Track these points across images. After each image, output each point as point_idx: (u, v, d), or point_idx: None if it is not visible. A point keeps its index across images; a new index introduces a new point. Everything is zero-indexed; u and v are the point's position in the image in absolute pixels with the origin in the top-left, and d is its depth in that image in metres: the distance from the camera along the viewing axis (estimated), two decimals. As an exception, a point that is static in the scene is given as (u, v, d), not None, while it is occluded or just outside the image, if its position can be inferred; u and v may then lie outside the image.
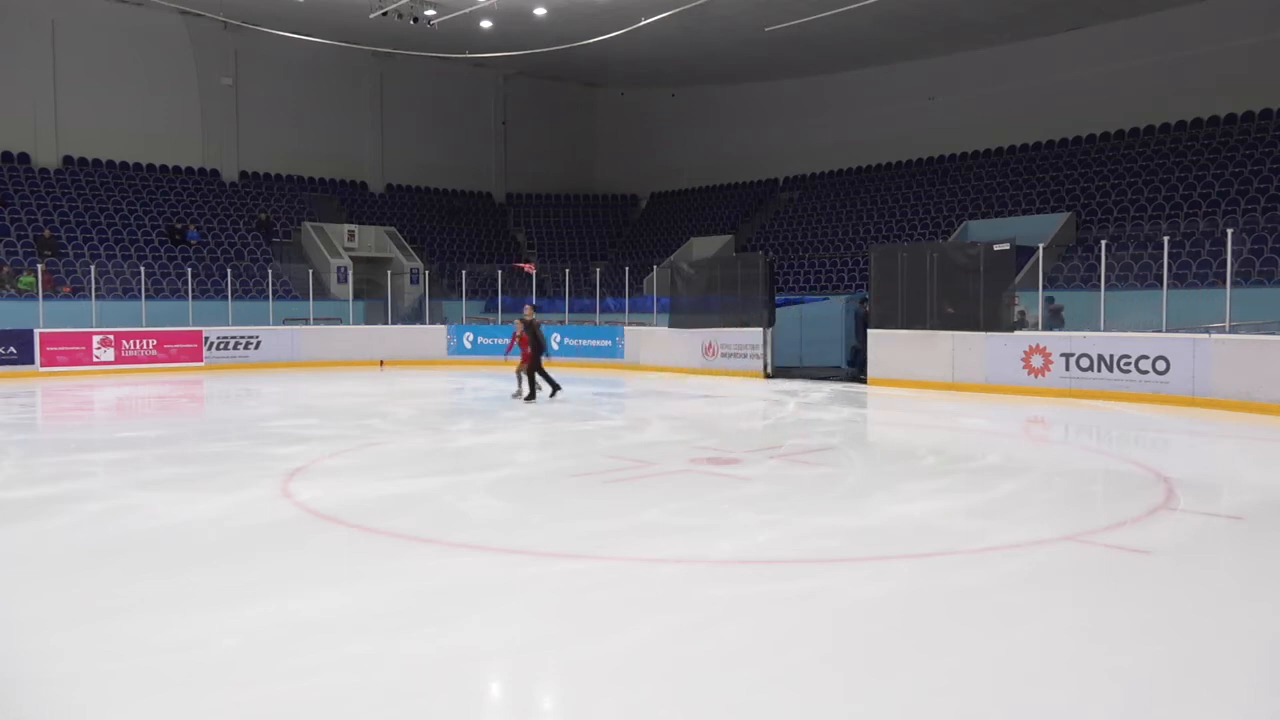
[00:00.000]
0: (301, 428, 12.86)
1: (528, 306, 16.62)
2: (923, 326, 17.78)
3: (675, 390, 18.20)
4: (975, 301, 17.08)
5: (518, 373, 16.48)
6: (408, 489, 8.54)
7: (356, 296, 28.00)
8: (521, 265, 30.72)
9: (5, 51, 27.85)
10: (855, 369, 19.93)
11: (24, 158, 28.35)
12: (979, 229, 24.12)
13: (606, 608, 5.23)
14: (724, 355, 21.33)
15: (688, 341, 22.05)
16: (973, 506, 7.83)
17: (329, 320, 26.65)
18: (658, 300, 25.20)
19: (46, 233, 25.95)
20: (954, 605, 5.24)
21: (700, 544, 6.52)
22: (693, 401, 16.28)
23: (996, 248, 17.12)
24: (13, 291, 23.47)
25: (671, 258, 28.71)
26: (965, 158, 29.26)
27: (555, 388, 16.24)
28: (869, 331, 18.77)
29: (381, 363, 25.33)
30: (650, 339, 23.38)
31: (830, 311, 22.70)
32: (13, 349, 21.62)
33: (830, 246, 28.47)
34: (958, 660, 4.46)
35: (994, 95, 28.60)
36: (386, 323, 27.40)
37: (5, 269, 23.84)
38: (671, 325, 22.74)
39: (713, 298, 21.78)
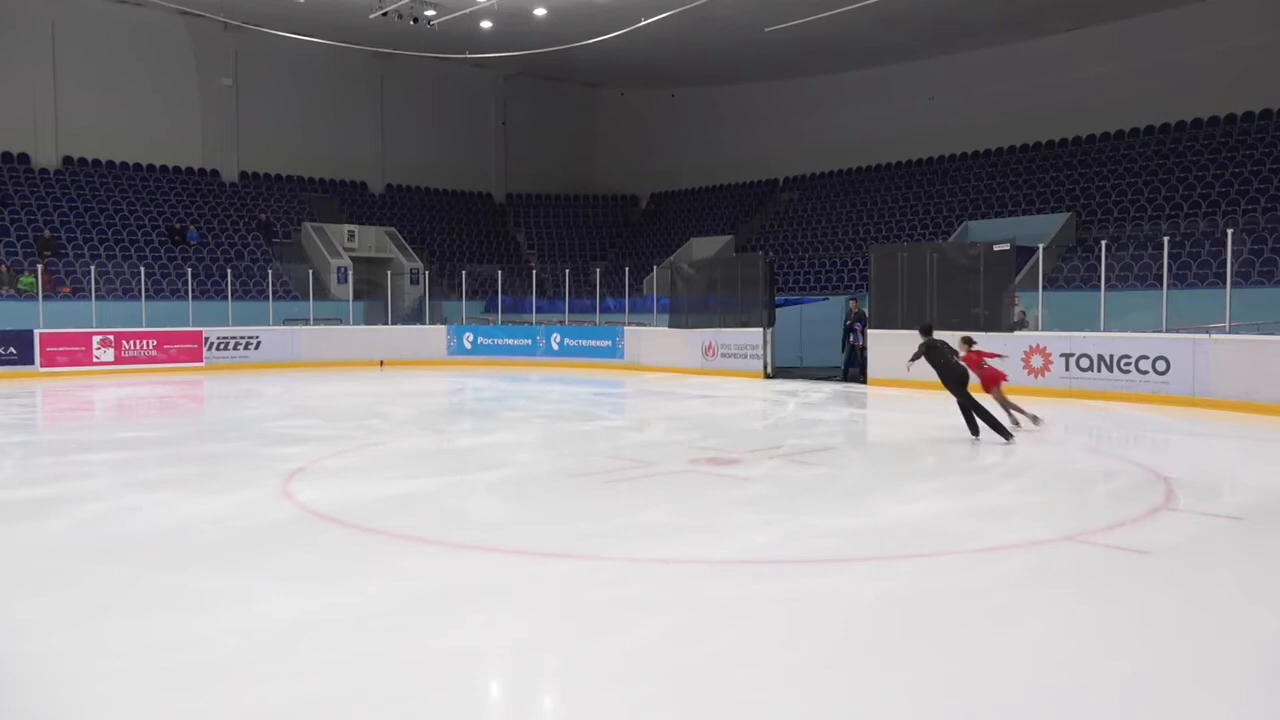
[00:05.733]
0: (302, 428, 12.85)
1: None
2: (922, 326, 17.74)
3: (675, 390, 18.19)
4: (975, 302, 17.07)
5: None
6: (408, 489, 8.53)
7: (356, 297, 27.99)
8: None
9: (5, 52, 27.84)
10: (854, 370, 19.90)
11: (24, 158, 28.34)
12: (979, 229, 24.12)
13: (607, 607, 5.23)
14: (724, 355, 21.33)
15: (688, 342, 22.04)
16: (973, 507, 7.83)
17: (329, 320, 26.65)
18: (658, 300, 25.20)
19: (46, 233, 25.94)
20: (954, 605, 5.24)
21: (700, 544, 6.52)
22: (693, 402, 16.28)
23: (996, 248, 17.12)
24: (13, 292, 23.47)
25: (671, 258, 28.72)
26: (965, 158, 29.26)
27: None
28: (869, 331, 18.76)
29: (382, 363, 25.32)
30: (650, 339, 23.38)
31: (830, 312, 22.69)
32: (12, 349, 21.61)
33: (830, 247, 28.48)
34: (958, 660, 4.46)
35: (994, 95, 28.60)
36: (386, 323, 27.40)
37: (5, 269, 23.84)
38: (671, 325, 22.74)
39: (713, 298, 21.78)
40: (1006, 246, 17.04)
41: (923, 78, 30.30)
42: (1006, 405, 11.73)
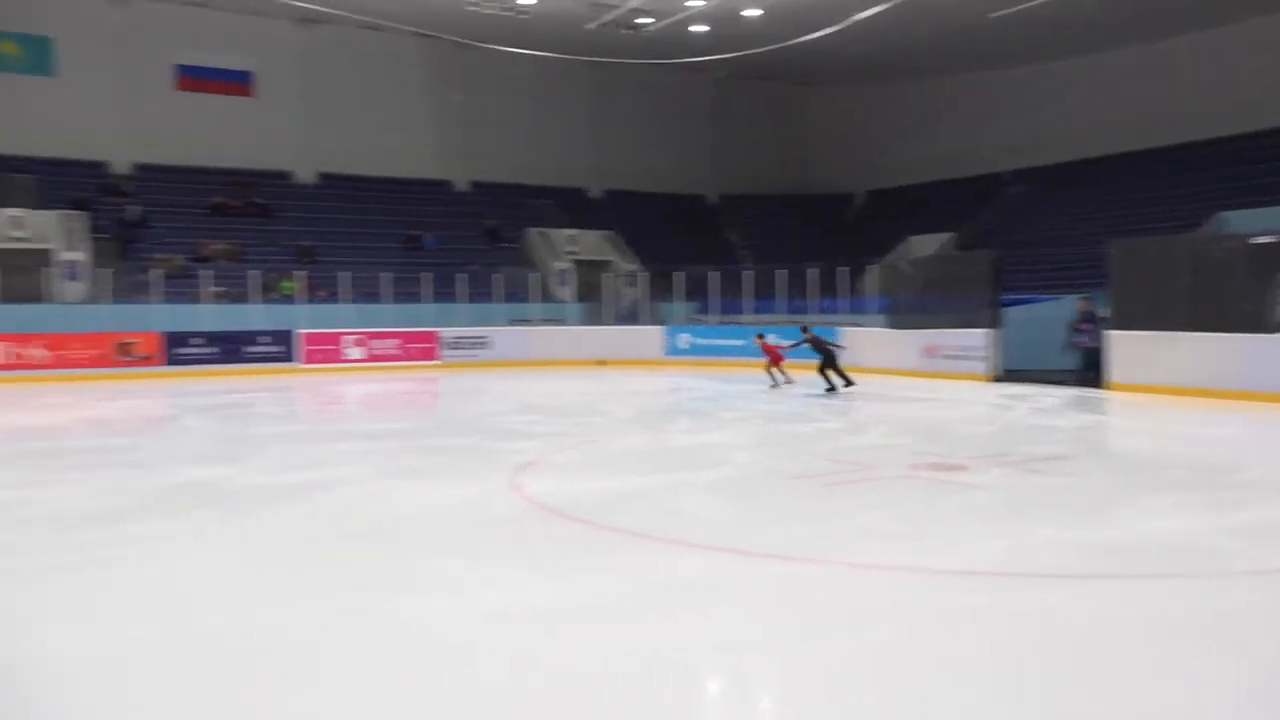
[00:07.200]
0: (528, 424, 13.49)
1: None
2: (1170, 327, 16.38)
3: (894, 393, 17.69)
4: (1232, 300, 15.55)
5: None
6: (628, 486, 8.76)
7: (577, 298, 29.06)
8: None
9: (268, 82, 30.99)
10: (1089, 373, 18.66)
11: (287, 175, 31.38)
12: (1235, 220, 21.94)
13: (823, 611, 5.18)
14: (945, 357, 20.50)
15: (906, 343, 21.37)
16: (1229, 525, 7.15)
17: (552, 321, 27.83)
18: (874, 301, 24.59)
19: (306, 243, 28.64)
20: (1208, 631, 4.83)
21: (922, 552, 6.33)
22: (913, 405, 15.79)
23: (1257, 240, 15.54)
24: (277, 296, 26.09)
25: (889, 256, 27.95)
26: (1214, 143, 26.65)
27: None
28: (1110, 334, 17.52)
29: (602, 362, 26.13)
30: (867, 340, 22.84)
31: (1064, 312, 21.36)
32: (279, 347, 24.12)
33: (1063, 242, 26.75)
34: (1208, 692, 4.11)
35: (1245, 72, 25.90)
36: (605, 324, 28.25)
37: (272, 275, 26.56)
38: (889, 326, 22.13)
39: (933, 297, 21.01)
40: (1271, 239, 15.43)
41: (1164, 59, 27.92)
42: (772, 372, 18.18)
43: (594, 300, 29.43)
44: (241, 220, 29.51)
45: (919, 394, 17.32)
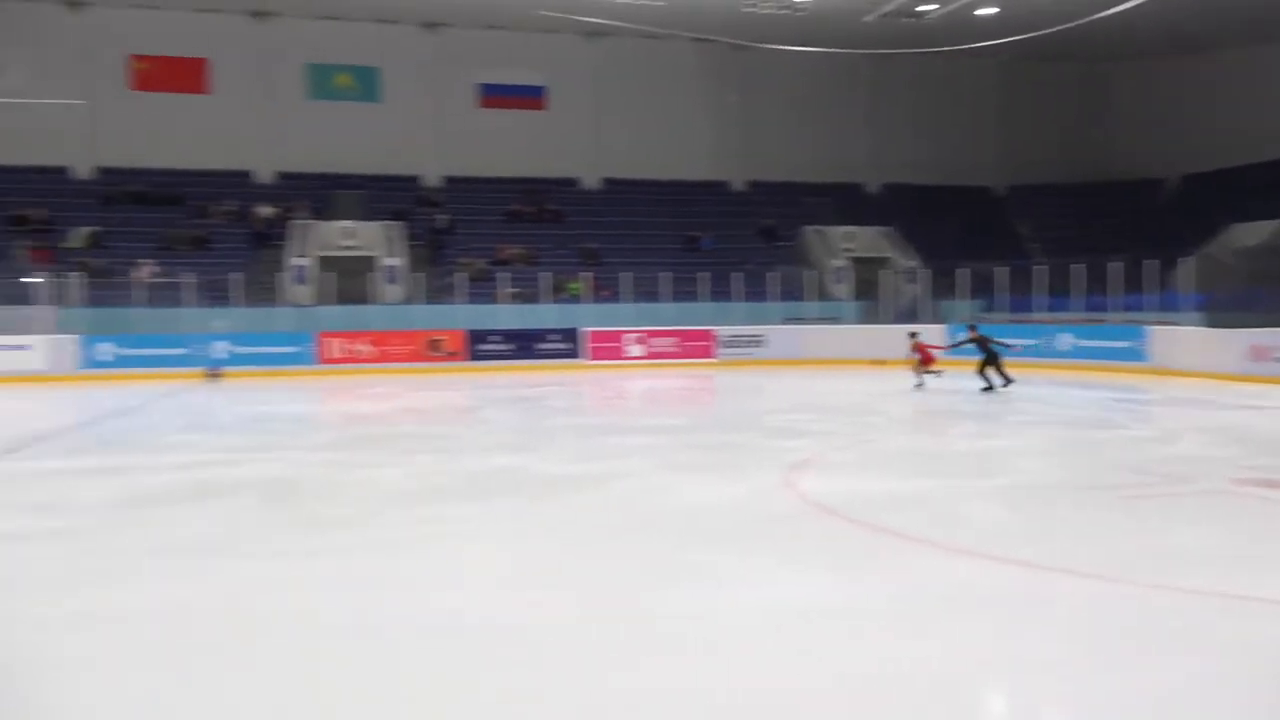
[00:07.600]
0: (803, 422, 13.46)
1: None
2: None
3: (1213, 399, 15.92)
4: None
5: None
6: (906, 488, 8.51)
7: (854, 296, 28.56)
8: None
9: (557, 92, 32.98)
10: None
11: (575, 182, 33.23)
12: None
13: (1121, 637, 4.78)
14: (1278, 360, 18.19)
15: (1228, 343, 19.16)
16: None
17: (828, 320, 27.55)
18: (1189, 297, 22.23)
19: (590, 245, 30.21)
20: None
21: (1247, 577, 5.68)
22: (1236, 412, 14.13)
23: None
24: (565, 296, 27.72)
25: (1207, 247, 25.16)
26: None
27: None
28: None
29: (880, 362, 25.49)
30: (1181, 340, 20.71)
31: None
32: (567, 344, 25.68)
33: None
34: None
35: None
36: (883, 322, 27.54)
37: (560, 276, 28.28)
38: (1207, 325, 19.94)
39: (1262, 291, 18.71)
40: None
41: None
42: (920, 372, 18.17)
43: (871, 298, 28.78)
44: (534, 225, 31.65)
45: (1244, 400, 15.47)
